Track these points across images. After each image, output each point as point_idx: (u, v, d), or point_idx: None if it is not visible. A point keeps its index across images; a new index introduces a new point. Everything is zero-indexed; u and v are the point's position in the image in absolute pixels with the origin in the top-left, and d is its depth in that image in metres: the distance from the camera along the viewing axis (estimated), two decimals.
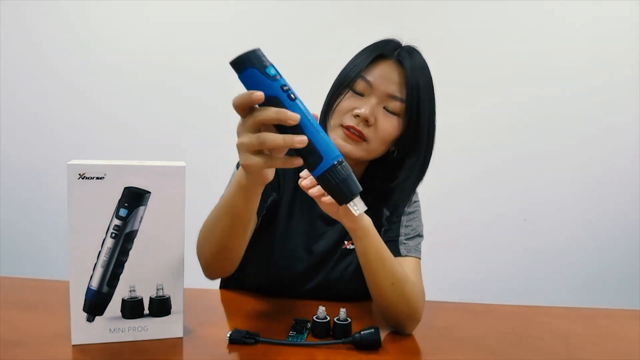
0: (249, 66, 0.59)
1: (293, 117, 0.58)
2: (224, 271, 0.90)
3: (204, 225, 0.86)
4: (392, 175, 0.99)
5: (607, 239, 2.33)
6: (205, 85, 2.27)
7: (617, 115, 2.26)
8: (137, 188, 0.76)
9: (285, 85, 0.60)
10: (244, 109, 0.61)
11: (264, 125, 0.61)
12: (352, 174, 0.63)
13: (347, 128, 0.91)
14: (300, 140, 0.59)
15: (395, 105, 0.92)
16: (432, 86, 0.97)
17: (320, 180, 0.63)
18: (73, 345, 0.77)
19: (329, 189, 0.63)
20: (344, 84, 0.94)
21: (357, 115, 0.91)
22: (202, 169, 1.59)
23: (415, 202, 1.05)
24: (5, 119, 2.33)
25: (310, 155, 0.61)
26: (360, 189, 0.64)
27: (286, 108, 0.59)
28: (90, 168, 0.74)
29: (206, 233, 0.86)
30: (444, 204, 2.24)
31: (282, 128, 0.61)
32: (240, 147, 0.62)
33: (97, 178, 0.75)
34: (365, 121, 0.90)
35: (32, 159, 2.35)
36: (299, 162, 0.62)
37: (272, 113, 0.59)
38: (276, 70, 0.60)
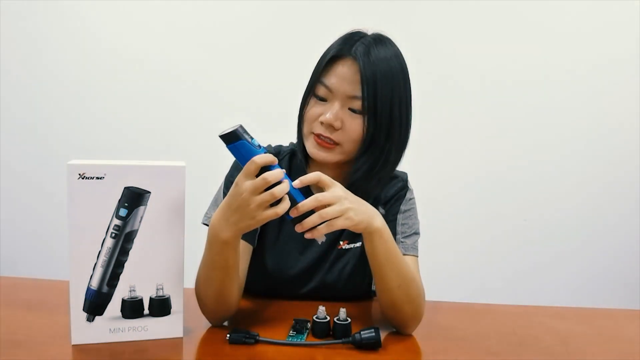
0: (240, 139, 0.73)
1: (281, 172, 0.74)
2: (229, 313, 0.89)
3: (198, 282, 0.86)
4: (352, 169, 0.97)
5: (607, 239, 2.32)
6: (206, 85, 2.27)
7: (618, 115, 2.25)
8: (137, 188, 0.76)
9: (265, 149, 0.75)
10: (256, 172, 0.73)
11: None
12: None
13: (318, 136, 0.92)
14: (287, 185, 0.74)
15: (358, 104, 0.90)
16: (398, 75, 0.92)
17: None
18: (73, 345, 0.77)
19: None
20: (307, 90, 0.95)
21: (323, 122, 0.91)
22: (202, 169, 1.59)
23: (410, 199, 1.04)
24: (5, 118, 2.33)
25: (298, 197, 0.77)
26: None
27: (271, 168, 0.73)
28: (90, 168, 0.74)
29: (203, 288, 0.85)
30: (443, 204, 2.24)
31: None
32: (257, 208, 0.72)
33: (97, 178, 0.75)
34: (331, 127, 0.90)
35: (32, 158, 2.35)
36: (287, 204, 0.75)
37: (278, 173, 0.73)
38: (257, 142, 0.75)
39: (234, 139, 0.73)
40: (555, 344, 0.90)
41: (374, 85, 0.88)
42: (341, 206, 0.77)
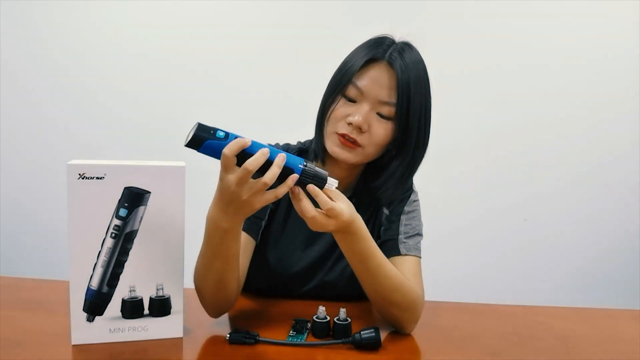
0: (203, 140, 0.70)
1: (266, 151, 0.70)
2: (228, 305, 0.89)
3: (197, 273, 0.86)
4: (378, 175, 0.98)
5: (607, 239, 2.32)
6: (205, 85, 2.27)
7: (618, 115, 2.25)
8: (137, 188, 0.76)
9: (235, 135, 0.71)
10: (233, 163, 0.70)
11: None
12: (315, 166, 0.76)
13: (342, 136, 0.91)
14: (283, 157, 0.71)
15: (388, 110, 0.90)
16: (425, 81, 0.94)
17: (300, 183, 0.75)
18: (73, 345, 0.77)
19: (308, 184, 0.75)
20: (336, 90, 0.94)
21: (350, 123, 0.91)
22: (202, 169, 1.59)
23: (414, 201, 1.04)
24: (5, 118, 2.33)
25: (285, 172, 0.73)
26: (327, 172, 0.77)
27: (251, 151, 0.70)
28: (90, 168, 0.74)
29: (203, 279, 0.85)
30: (444, 204, 2.24)
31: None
32: (251, 196, 0.71)
33: (97, 178, 0.75)
34: (359, 128, 0.90)
35: (32, 158, 2.35)
36: (293, 179, 0.73)
37: (260, 156, 0.69)
38: (222, 130, 0.71)
39: (198, 144, 0.70)
40: (555, 344, 0.90)
41: (408, 93, 0.89)
42: (323, 221, 0.76)
